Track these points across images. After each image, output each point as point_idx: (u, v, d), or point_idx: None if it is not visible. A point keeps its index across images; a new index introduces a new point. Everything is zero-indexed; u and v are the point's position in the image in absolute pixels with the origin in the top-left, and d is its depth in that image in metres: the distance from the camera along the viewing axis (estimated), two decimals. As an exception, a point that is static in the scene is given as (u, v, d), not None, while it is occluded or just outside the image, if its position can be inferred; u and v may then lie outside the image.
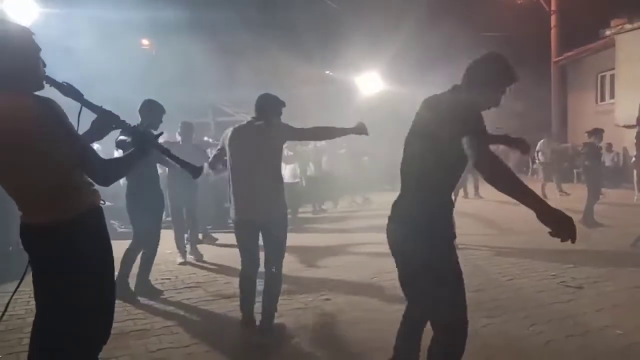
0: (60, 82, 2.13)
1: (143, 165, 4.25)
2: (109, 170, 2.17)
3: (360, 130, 3.63)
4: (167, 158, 2.52)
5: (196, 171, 2.55)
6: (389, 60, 17.37)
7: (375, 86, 17.77)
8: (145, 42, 14.33)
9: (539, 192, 12.16)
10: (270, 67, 14.45)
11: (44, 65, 2.09)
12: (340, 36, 16.74)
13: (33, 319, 2.10)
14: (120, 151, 4.21)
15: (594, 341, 3.46)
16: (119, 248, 5.03)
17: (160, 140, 3.09)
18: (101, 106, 2.25)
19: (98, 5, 9.37)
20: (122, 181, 6.14)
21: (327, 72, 18.35)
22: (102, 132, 2.32)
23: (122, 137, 4.19)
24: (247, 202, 3.49)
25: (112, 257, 2.23)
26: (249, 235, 3.56)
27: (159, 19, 11.53)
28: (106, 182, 2.16)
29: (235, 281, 5.22)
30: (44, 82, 2.09)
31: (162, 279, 5.31)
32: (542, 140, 12.56)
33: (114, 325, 3.81)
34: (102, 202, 2.23)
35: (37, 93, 2.04)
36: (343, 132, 3.72)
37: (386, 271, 5.41)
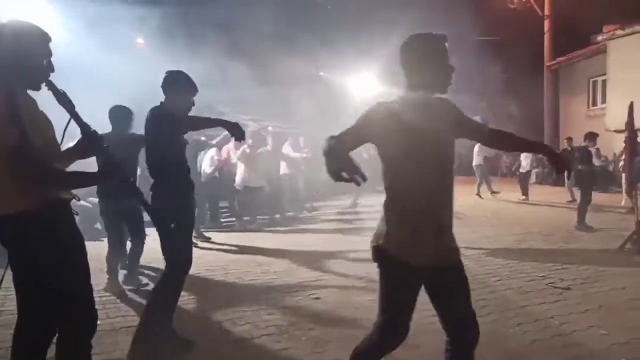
0: (59, 89, 2.16)
1: None
2: (47, 175, 2.07)
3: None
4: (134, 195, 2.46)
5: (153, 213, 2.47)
6: (383, 62, 17.49)
7: (370, 88, 17.86)
8: (140, 41, 14.26)
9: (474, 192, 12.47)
10: (263, 67, 14.50)
11: (52, 71, 2.16)
12: (335, 37, 16.80)
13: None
14: None
15: (579, 341, 3.52)
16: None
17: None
18: (89, 125, 2.24)
19: (93, 3, 9.31)
20: None
21: (321, 73, 18.44)
22: (84, 154, 2.35)
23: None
24: (430, 234, 2.10)
25: (82, 250, 2.25)
26: (415, 287, 2.18)
27: (153, 17, 11.50)
28: (37, 186, 2.05)
29: (227, 282, 5.30)
30: (44, 85, 2.14)
31: (154, 275, 5.32)
32: (477, 144, 12.99)
33: (106, 320, 3.89)
34: (76, 198, 2.25)
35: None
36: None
37: (374, 272, 5.48)
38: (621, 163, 10.96)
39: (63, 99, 2.16)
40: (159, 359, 3.10)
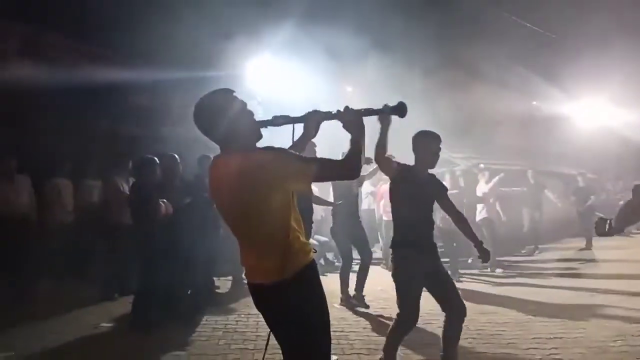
0: (269, 119, 2.28)
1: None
2: (351, 162, 2.18)
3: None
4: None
5: (401, 110, 2.42)
6: (619, 82, 13.83)
7: (599, 115, 14.75)
8: (349, 89, 14.76)
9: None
10: (471, 102, 13.50)
11: (252, 115, 2.22)
12: (550, 62, 14.63)
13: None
14: None
15: None
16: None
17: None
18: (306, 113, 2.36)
19: (300, 54, 9.83)
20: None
21: (534, 102, 16.17)
22: (312, 131, 2.43)
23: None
24: None
25: (327, 309, 2.23)
26: None
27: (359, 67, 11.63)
28: (357, 173, 2.21)
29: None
30: (260, 128, 2.23)
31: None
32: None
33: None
34: (313, 250, 2.26)
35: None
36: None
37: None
38: None
39: (278, 119, 2.30)
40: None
